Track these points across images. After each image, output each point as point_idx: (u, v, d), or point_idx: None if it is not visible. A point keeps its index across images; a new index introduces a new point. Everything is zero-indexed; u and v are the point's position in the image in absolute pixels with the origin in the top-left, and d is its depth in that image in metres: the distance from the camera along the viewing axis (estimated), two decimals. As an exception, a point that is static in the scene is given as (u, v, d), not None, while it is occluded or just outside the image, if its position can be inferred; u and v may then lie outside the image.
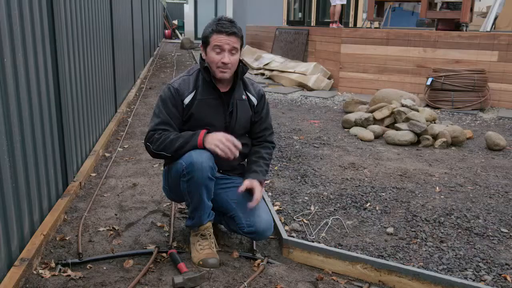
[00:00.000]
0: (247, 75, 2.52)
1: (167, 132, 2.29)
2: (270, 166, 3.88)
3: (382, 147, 4.68)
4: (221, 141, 2.19)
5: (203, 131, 2.24)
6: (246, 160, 2.60)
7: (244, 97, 2.47)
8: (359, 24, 12.73)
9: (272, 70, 9.74)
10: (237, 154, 2.21)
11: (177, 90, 2.34)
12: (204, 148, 2.20)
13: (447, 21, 8.37)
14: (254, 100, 2.50)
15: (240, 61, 2.40)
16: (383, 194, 3.33)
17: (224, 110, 2.40)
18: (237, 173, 2.57)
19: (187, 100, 2.35)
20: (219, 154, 2.18)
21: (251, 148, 2.56)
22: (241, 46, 2.35)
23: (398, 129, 4.92)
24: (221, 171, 2.47)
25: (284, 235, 2.52)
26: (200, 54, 2.41)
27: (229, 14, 17.50)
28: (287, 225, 2.81)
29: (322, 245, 2.47)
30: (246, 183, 2.33)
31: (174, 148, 2.25)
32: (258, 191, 2.33)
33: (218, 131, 2.32)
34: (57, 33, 2.93)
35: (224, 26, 2.26)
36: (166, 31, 24.48)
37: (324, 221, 2.87)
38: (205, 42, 2.33)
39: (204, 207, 2.30)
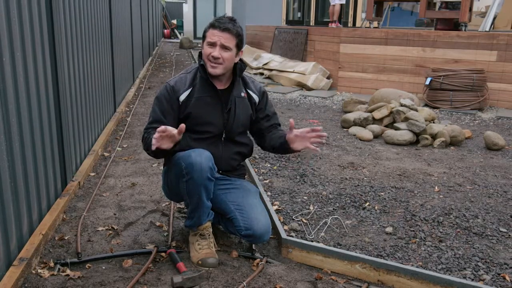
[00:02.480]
0: (246, 74, 2.52)
1: (153, 131, 2.25)
2: (269, 165, 3.90)
3: (381, 146, 4.69)
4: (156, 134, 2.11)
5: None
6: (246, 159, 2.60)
7: (243, 94, 2.47)
8: (358, 23, 12.74)
9: (271, 70, 9.73)
10: (178, 137, 2.12)
11: (173, 88, 2.36)
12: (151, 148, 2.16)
13: (446, 20, 8.37)
14: (255, 97, 2.50)
15: (239, 59, 2.40)
16: (382, 193, 3.34)
17: (222, 108, 2.40)
18: (236, 174, 2.57)
19: (182, 97, 2.36)
20: (156, 145, 2.12)
21: (266, 137, 2.55)
22: (238, 45, 2.33)
23: (397, 128, 4.92)
24: (220, 171, 2.47)
25: (283, 235, 2.51)
26: (200, 51, 2.42)
27: (228, 13, 17.46)
28: (286, 224, 2.81)
29: (321, 245, 2.47)
30: (291, 127, 2.35)
31: (146, 148, 2.30)
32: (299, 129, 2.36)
33: (217, 129, 2.36)
34: (56, 33, 2.93)
35: (220, 22, 2.30)
36: (165, 30, 24.47)
37: (323, 221, 2.87)
38: (203, 36, 2.37)
39: (203, 207, 2.30)
